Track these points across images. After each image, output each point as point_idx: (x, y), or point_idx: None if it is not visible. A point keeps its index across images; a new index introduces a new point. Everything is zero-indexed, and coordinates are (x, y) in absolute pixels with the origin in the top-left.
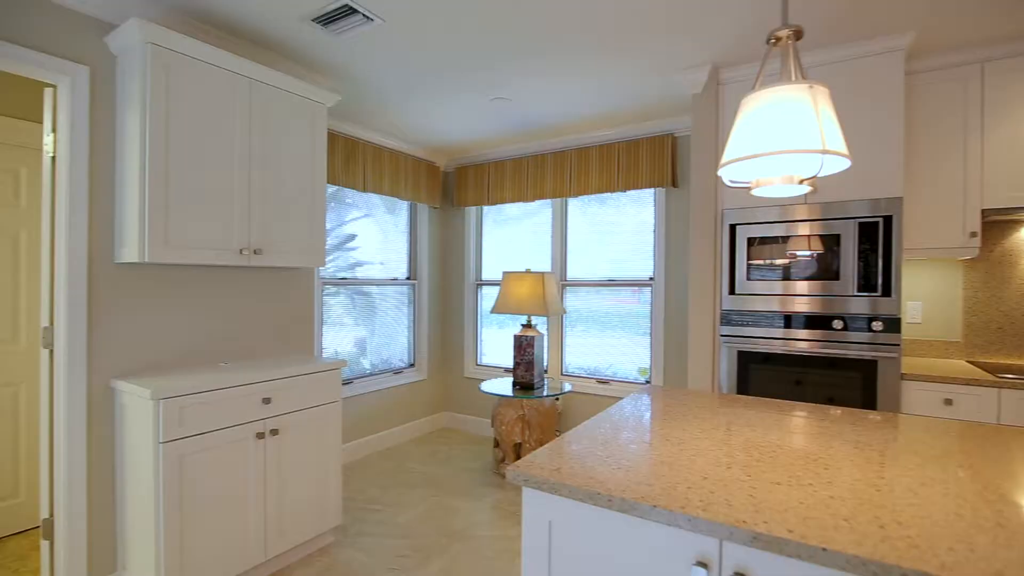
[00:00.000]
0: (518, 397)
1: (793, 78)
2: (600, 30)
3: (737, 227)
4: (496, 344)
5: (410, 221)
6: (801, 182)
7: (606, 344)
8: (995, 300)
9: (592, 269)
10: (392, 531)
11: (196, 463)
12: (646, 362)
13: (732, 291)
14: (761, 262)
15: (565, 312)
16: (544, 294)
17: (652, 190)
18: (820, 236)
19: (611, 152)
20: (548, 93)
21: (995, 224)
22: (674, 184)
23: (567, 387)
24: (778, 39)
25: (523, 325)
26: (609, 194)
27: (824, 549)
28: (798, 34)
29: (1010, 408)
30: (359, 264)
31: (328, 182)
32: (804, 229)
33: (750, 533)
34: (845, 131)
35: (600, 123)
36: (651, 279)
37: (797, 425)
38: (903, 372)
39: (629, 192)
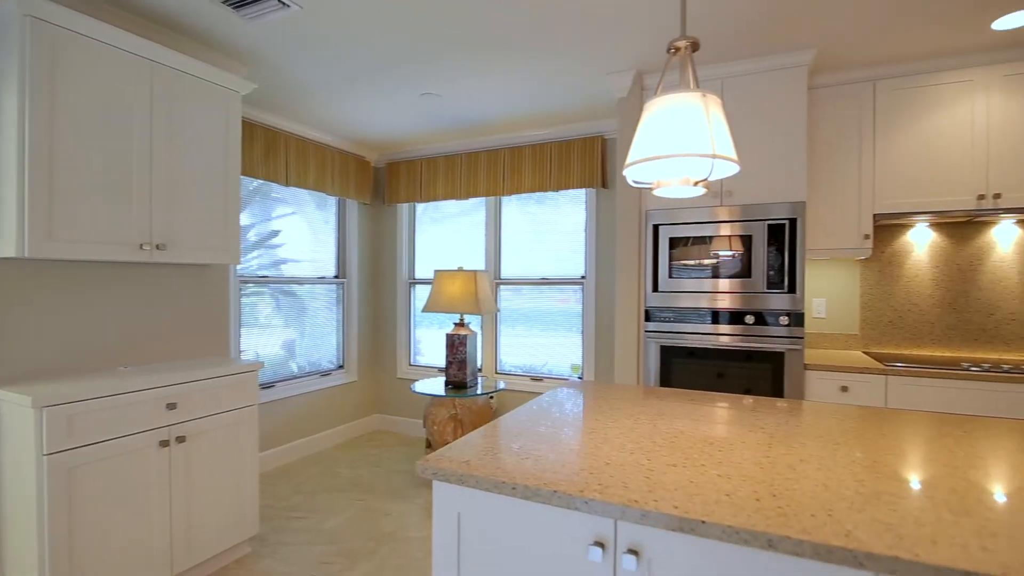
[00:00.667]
0: (450, 396)
1: (691, 86)
2: (526, 33)
3: (660, 227)
4: (432, 344)
5: (339, 217)
6: (696, 184)
7: (541, 342)
8: (886, 296)
9: (530, 268)
10: (316, 538)
11: (88, 476)
12: (579, 359)
13: (656, 289)
14: (682, 261)
15: (498, 311)
16: (477, 292)
17: (584, 190)
18: (734, 237)
19: (543, 152)
20: (479, 91)
21: (886, 227)
22: (604, 185)
23: (501, 385)
24: (677, 49)
25: (456, 324)
26: (548, 193)
27: (703, 522)
28: (695, 46)
29: (895, 393)
30: (285, 262)
31: (246, 175)
32: (720, 230)
33: (640, 511)
34: (756, 139)
35: (533, 123)
36: (583, 278)
37: (704, 413)
38: (806, 363)
39: (568, 192)
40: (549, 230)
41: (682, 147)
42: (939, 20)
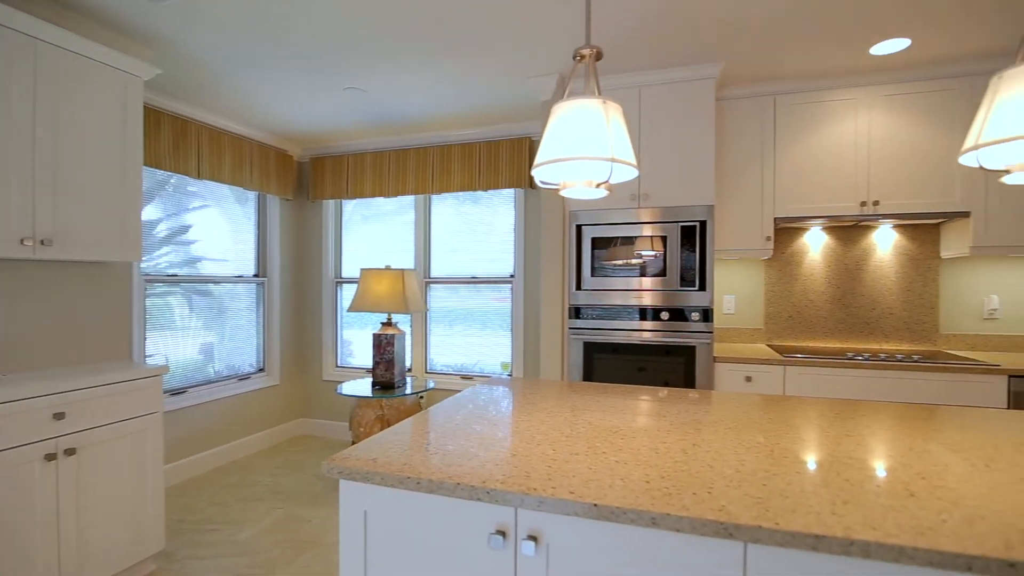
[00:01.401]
0: (377, 397)
1: (594, 93)
2: (448, 34)
3: (583, 227)
4: (363, 345)
5: (258, 213)
6: (598, 186)
7: (472, 340)
8: (786, 293)
9: (462, 267)
10: (230, 550)
11: None
12: (509, 357)
13: (579, 287)
14: (603, 260)
15: (426, 309)
16: (404, 291)
17: (513, 191)
18: (651, 237)
19: (473, 151)
20: (406, 88)
21: (785, 230)
22: (531, 186)
23: (431, 384)
24: (583, 57)
25: (383, 323)
26: (481, 193)
27: (595, 505)
28: (598, 55)
29: (792, 381)
30: (200, 260)
31: (152, 166)
32: (637, 231)
33: (538, 499)
34: (670, 145)
35: (462, 122)
36: (512, 276)
37: (615, 405)
38: (715, 356)
39: (501, 192)
40: (481, 229)
41: (582, 150)
42: (827, 44)
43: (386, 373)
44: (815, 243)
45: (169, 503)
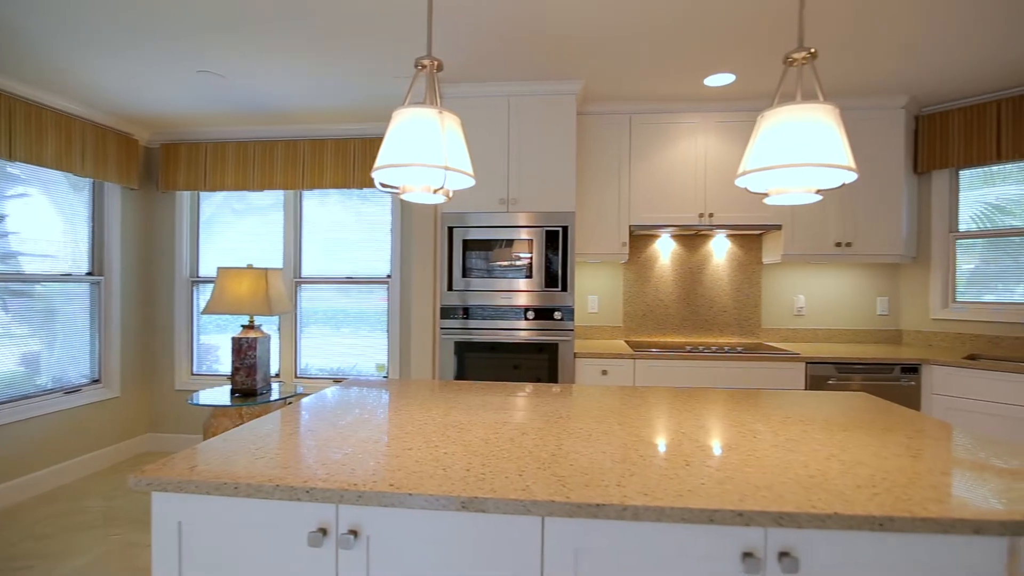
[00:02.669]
0: (236, 406)
1: (436, 102)
2: (307, 24)
3: (454, 229)
4: (228, 349)
5: (93, 203)
6: (435, 191)
7: (348, 342)
8: (641, 294)
9: (338, 266)
10: None
11: None
12: (385, 358)
13: (450, 287)
14: (473, 262)
15: (292, 310)
16: (268, 291)
17: (389, 190)
18: (518, 241)
19: (347, 148)
20: (273, 77)
21: (639, 237)
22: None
23: (300, 390)
24: (423, 66)
25: (244, 326)
26: (357, 190)
27: (410, 494)
28: (439, 66)
29: (641, 373)
30: (17, 255)
31: None
32: (505, 234)
33: (356, 493)
34: (536, 153)
35: (337, 117)
36: (388, 277)
37: (464, 401)
38: (576, 352)
39: (378, 190)
40: (357, 228)
41: (417, 157)
42: (669, 72)
43: (247, 379)
44: (665, 249)
45: None
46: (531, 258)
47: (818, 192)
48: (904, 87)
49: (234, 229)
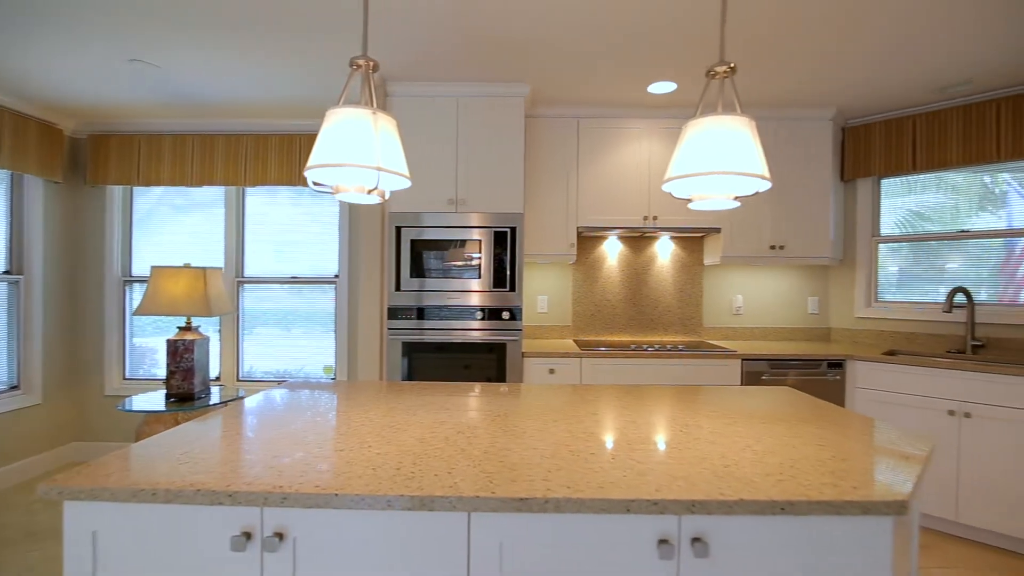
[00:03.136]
0: (172, 411)
1: (371, 103)
2: (252, 20)
3: (402, 229)
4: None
5: (11, 198)
6: (369, 192)
7: (295, 344)
8: (589, 294)
9: (284, 266)
10: None
11: None
12: (333, 360)
13: (398, 288)
14: (421, 262)
15: (233, 311)
16: (206, 291)
17: None
18: (466, 241)
19: (292, 144)
20: (212, 69)
21: (587, 238)
22: None
23: (242, 394)
24: (359, 66)
25: (180, 328)
26: (305, 188)
27: (336, 495)
28: (375, 66)
29: (588, 371)
30: None
31: None
32: (454, 235)
33: (281, 495)
34: (484, 154)
35: (282, 111)
36: (336, 276)
37: (406, 402)
38: (524, 351)
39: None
40: (303, 227)
41: (349, 157)
42: (614, 79)
43: (184, 383)
44: (612, 250)
45: None
46: (480, 259)
47: (736, 199)
48: (832, 100)
49: (175, 226)
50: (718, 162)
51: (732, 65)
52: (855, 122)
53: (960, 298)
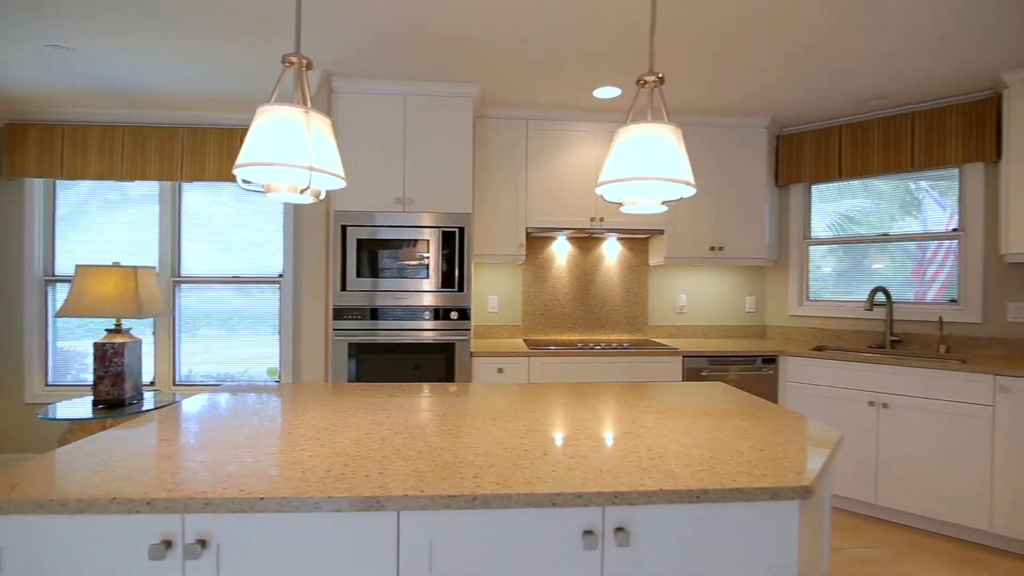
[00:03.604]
0: (99, 418)
1: (304, 101)
2: (185, 7)
3: (348, 228)
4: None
5: None
6: (302, 192)
7: (240, 346)
8: (539, 294)
9: (225, 265)
10: None
11: None
12: (277, 362)
13: (344, 288)
14: (368, 261)
15: (168, 312)
16: (138, 292)
17: None
18: (414, 241)
19: (232, 138)
20: (141, 58)
21: (537, 239)
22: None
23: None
24: (291, 63)
25: (109, 330)
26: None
27: (261, 499)
28: (308, 64)
29: (536, 370)
30: None
31: None
32: (402, 234)
33: (204, 501)
34: (432, 154)
35: (220, 104)
36: (281, 276)
37: (346, 402)
38: (472, 351)
39: None
40: (246, 224)
41: (279, 156)
42: (560, 82)
43: (113, 389)
44: (561, 251)
45: None
46: (428, 259)
47: (664, 203)
48: (767, 110)
49: (108, 223)
50: (646, 168)
51: (660, 75)
52: (789, 130)
53: (880, 297)
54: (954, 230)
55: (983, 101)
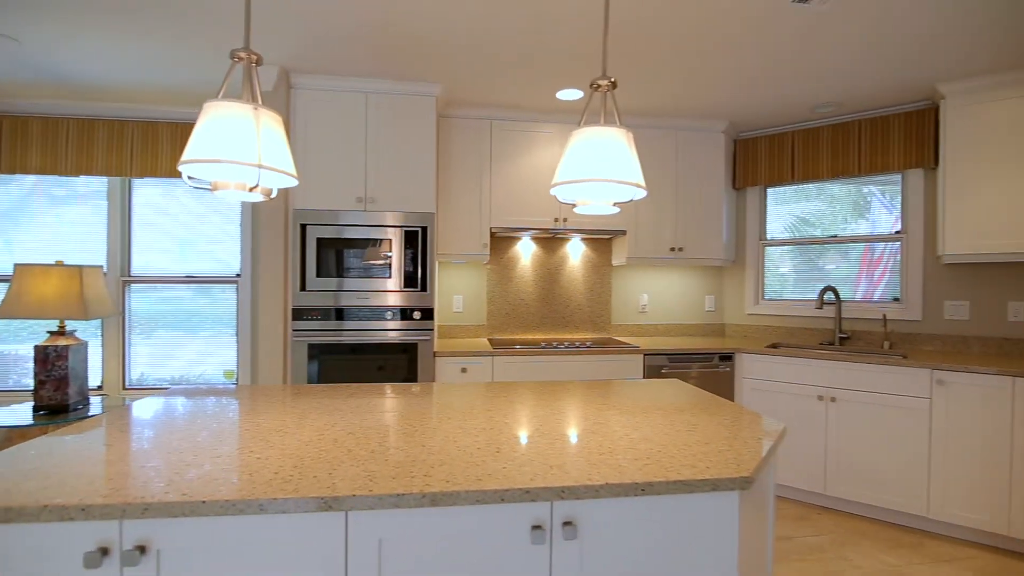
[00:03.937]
0: (40, 424)
1: (254, 98)
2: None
3: (307, 227)
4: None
5: None
6: (251, 190)
7: (196, 348)
8: (504, 293)
9: (178, 263)
10: None
11: None
12: (235, 364)
13: (304, 288)
14: (329, 261)
15: (117, 313)
16: (83, 292)
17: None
18: (376, 240)
19: (186, 132)
20: (88, 48)
21: (501, 238)
22: None
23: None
24: (240, 58)
25: (51, 332)
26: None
27: (203, 502)
28: (258, 60)
29: (500, 370)
30: None
31: None
32: (363, 233)
33: (142, 506)
34: (394, 153)
35: (173, 98)
36: (239, 276)
37: (301, 404)
38: (436, 351)
39: None
40: (201, 222)
41: (227, 154)
42: (524, 84)
43: (56, 394)
44: (526, 251)
45: None
46: (391, 258)
47: (616, 205)
48: (724, 114)
49: (53, 220)
50: (598, 170)
51: (613, 80)
52: (745, 135)
53: (830, 296)
54: (897, 232)
55: (923, 111)
